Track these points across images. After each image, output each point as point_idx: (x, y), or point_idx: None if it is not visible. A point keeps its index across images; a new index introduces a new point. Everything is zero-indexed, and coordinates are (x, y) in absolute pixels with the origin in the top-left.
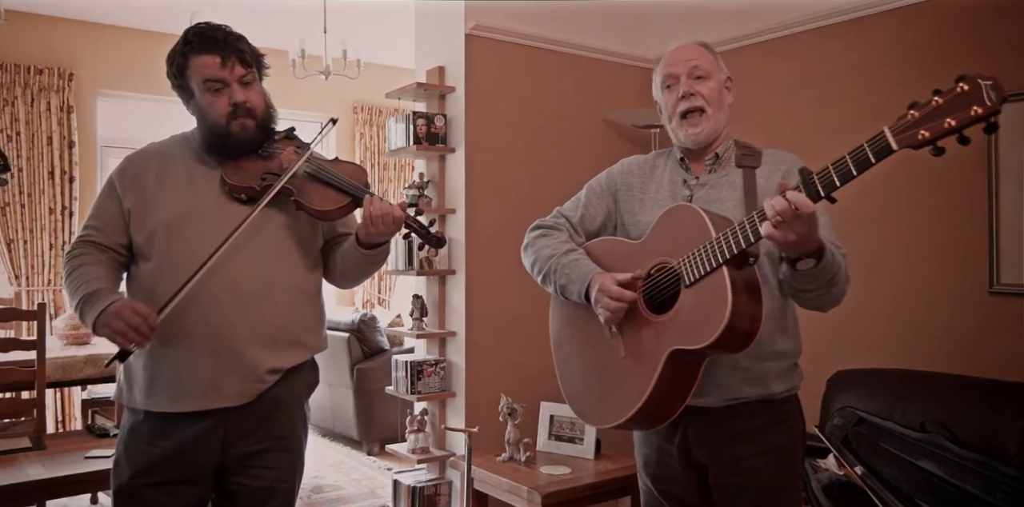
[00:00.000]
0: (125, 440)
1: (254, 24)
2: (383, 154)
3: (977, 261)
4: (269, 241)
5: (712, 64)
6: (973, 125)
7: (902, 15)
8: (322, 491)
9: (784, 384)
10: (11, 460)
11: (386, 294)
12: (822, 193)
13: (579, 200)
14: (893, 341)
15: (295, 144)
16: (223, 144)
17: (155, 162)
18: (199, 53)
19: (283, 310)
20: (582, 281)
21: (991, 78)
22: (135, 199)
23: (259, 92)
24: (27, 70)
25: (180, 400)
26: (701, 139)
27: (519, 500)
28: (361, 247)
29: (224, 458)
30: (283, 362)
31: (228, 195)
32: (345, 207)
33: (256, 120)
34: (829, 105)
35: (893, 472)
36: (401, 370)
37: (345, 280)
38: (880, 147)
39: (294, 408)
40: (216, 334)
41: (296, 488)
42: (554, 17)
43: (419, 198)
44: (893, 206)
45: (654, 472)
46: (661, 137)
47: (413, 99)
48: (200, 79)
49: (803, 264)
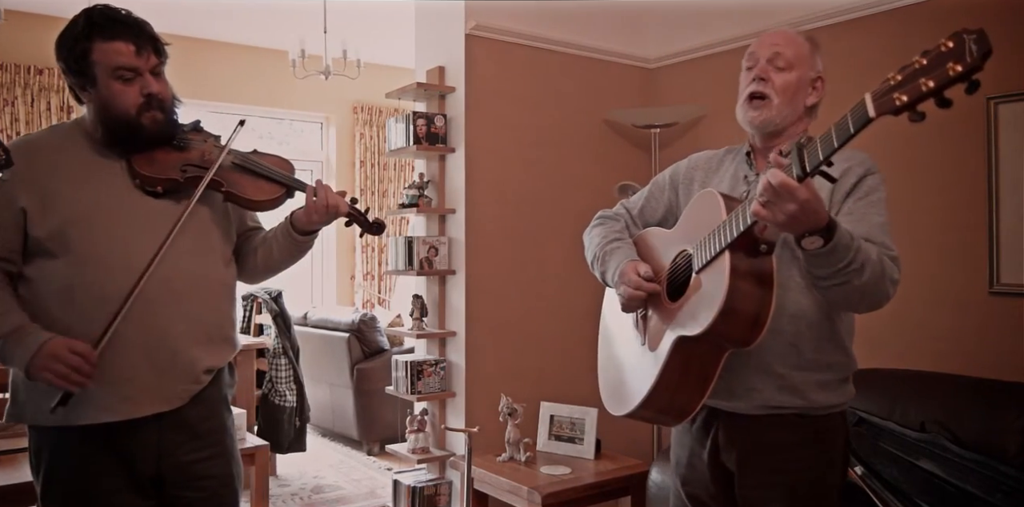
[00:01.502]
0: (49, 464)
1: (254, 24)
2: (383, 154)
3: (977, 261)
4: (195, 236)
5: (800, 57)
6: (952, 85)
7: (902, 15)
8: (322, 491)
9: (827, 398)
10: (10, 460)
11: (386, 294)
12: (808, 168)
13: (643, 193)
14: (893, 341)
15: (210, 137)
16: (131, 136)
17: (43, 155)
18: (110, 39)
19: (214, 306)
20: (616, 267)
21: (976, 31)
22: (30, 196)
23: (167, 83)
24: (27, 70)
25: (113, 408)
26: (757, 123)
27: (519, 500)
28: (296, 233)
29: (161, 468)
30: (217, 360)
31: (139, 188)
32: (278, 197)
33: (165, 113)
34: (830, 105)
35: (893, 472)
36: (401, 370)
37: (269, 271)
38: (859, 115)
39: (224, 410)
40: (151, 334)
41: (239, 487)
42: (554, 17)
43: (419, 198)
44: (893, 206)
45: (683, 473)
46: (661, 137)
47: (413, 99)
48: (110, 67)
49: (808, 243)
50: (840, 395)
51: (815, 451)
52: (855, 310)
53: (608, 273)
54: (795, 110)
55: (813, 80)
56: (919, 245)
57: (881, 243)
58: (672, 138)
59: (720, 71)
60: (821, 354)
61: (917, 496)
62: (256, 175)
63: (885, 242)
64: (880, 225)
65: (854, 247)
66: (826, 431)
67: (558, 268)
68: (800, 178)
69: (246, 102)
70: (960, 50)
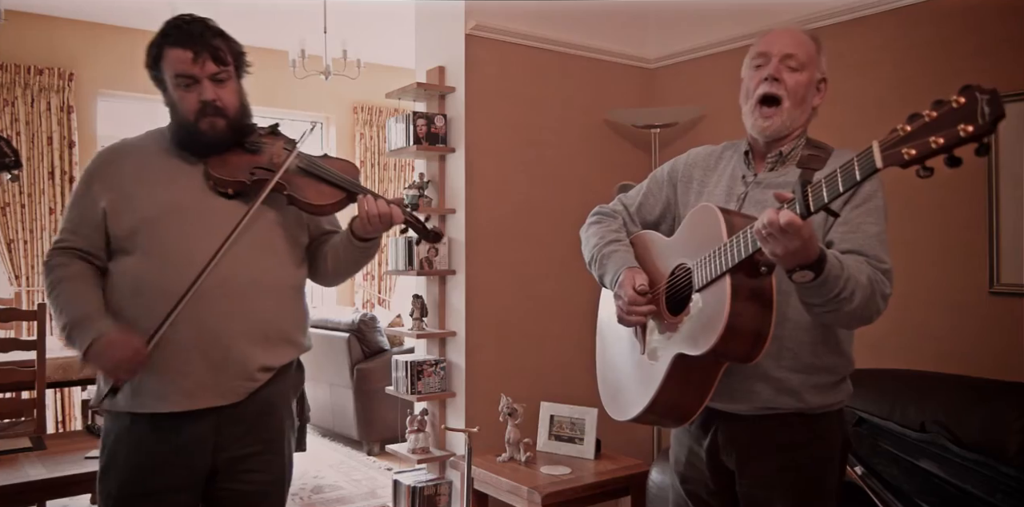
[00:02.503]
0: (112, 448)
1: (254, 24)
2: (383, 154)
3: (977, 261)
4: (259, 237)
5: (810, 58)
6: (962, 145)
7: (903, 15)
8: (322, 491)
9: (824, 399)
10: (11, 460)
11: (386, 294)
12: (812, 208)
13: (641, 188)
14: (893, 341)
15: (281, 140)
16: (191, 140)
17: (131, 157)
18: (173, 46)
19: (273, 307)
20: (614, 273)
21: (989, 92)
22: (111, 196)
23: (233, 90)
24: (27, 70)
25: (167, 399)
26: (769, 133)
27: (519, 500)
28: (356, 239)
29: (215, 462)
30: (273, 360)
31: (213, 189)
32: (339, 202)
33: (227, 119)
34: (830, 104)
35: (893, 472)
36: (401, 370)
37: (337, 276)
38: (866, 165)
39: (283, 410)
40: (206, 331)
41: (286, 491)
42: (554, 17)
43: (419, 198)
44: (893, 206)
45: (682, 472)
46: (661, 137)
47: (413, 99)
48: (172, 73)
49: (799, 276)
50: (836, 395)
51: (814, 449)
52: (847, 328)
53: (607, 277)
54: (803, 113)
55: (819, 81)
56: (919, 245)
57: (874, 256)
58: (672, 138)
59: (720, 71)
60: (818, 358)
61: (917, 496)
62: (319, 179)
63: (878, 255)
64: (875, 235)
65: (844, 277)
66: (824, 429)
67: (558, 268)
68: (803, 216)
69: None
70: (972, 110)
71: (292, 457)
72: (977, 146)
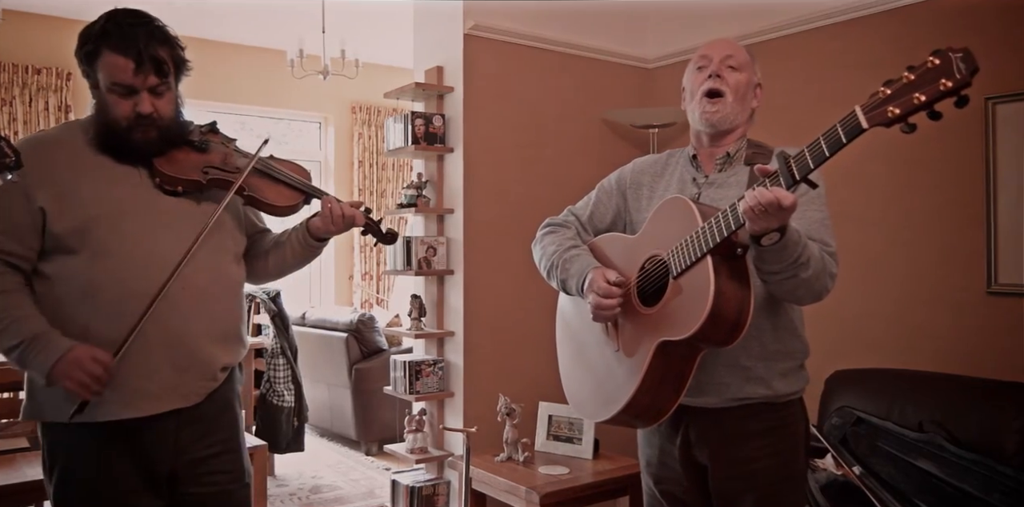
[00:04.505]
0: (63, 461)
1: (253, 24)
2: (381, 154)
3: (975, 261)
4: (213, 236)
5: (747, 62)
6: (943, 99)
7: (902, 15)
8: (320, 491)
9: (789, 386)
10: (8, 460)
11: (384, 294)
12: (797, 176)
13: (590, 199)
14: (891, 341)
15: (222, 138)
16: (118, 146)
17: (60, 152)
18: (113, 51)
19: (230, 306)
20: (579, 275)
21: (962, 50)
22: (49, 193)
23: (170, 99)
24: (25, 70)
25: (134, 404)
26: (715, 120)
27: (517, 500)
28: (312, 239)
29: (175, 465)
30: (232, 358)
31: (158, 186)
32: (297, 204)
33: (159, 129)
34: (829, 104)
35: (891, 472)
36: (399, 370)
37: (278, 274)
38: (851, 126)
39: (235, 406)
40: (172, 332)
41: (250, 486)
42: (553, 17)
43: (417, 198)
44: (892, 206)
45: (656, 472)
46: (660, 137)
47: (411, 99)
48: (108, 79)
49: (767, 239)
50: (798, 382)
51: (780, 437)
52: (799, 303)
53: (570, 281)
54: (744, 110)
55: (755, 85)
56: (917, 245)
57: (820, 239)
58: (670, 138)
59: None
60: (781, 343)
61: (915, 496)
62: (277, 181)
63: (824, 239)
64: (820, 221)
65: (802, 243)
66: (789, 417)
67: None
68: (788, 186)
69: (244, 102)
70: (948, 67)
71: (246, 448)
72: (956, 99)
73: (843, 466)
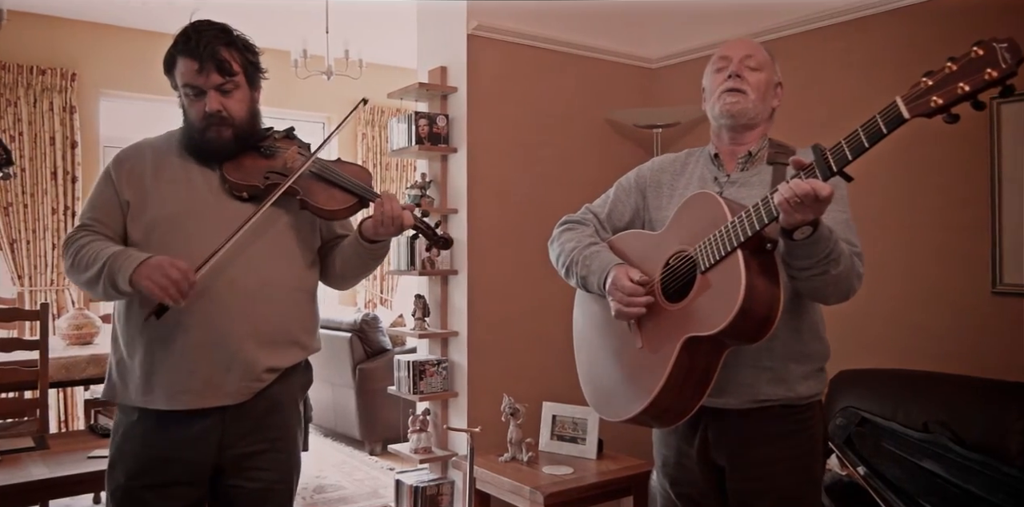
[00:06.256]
0: (119, 442)
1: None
2: (385, 154)
3: (980, 261)
4: (270, 240)
5: (767, 62)
6: (988, 89)
7: (904, 15)
8: (324, 491)
9: (809, 388)
10: (14, 460)
11: (388, 294)
12: (834, 168)
13: (608, 196)
14: (896, 341)
15: (295, 144)
16: (198, 147)
17: (151, 157)
18: (181, 55)
19: (281, 310)
20: (601, 272)
21: (1007, 40)
22: (133, 192)
23: (241, 100)
24: (30, 70)
25: (177, 397)
26: (735, 110)
27: (521, 500)
28: (365, 241)
29: (220, 459)
30: (280, 362)
31: (228, 193)
32: (351, 207)
33: (234, 128)
34: (831, 105)
35: (896, 472)
36: (403, 370)
37: (345, 280)
38: (892, 116)
39: (290, 408)
40: (214, 332)
41: (293, 489)
42: (556, 17)
43: (421, 198)
44: (896, 206)
45: (672, 474)
46: (663, 137)
47: (415, 99)
48: (180, 82)
49: (799, 233)
50: (818, 384)
51: (799, 440)
52: (825, 301)
53: (591, 278)
54: (766, 108)
55: (776, 84)
56: (921, 245)
57: (846, 239)
58: (674, 138)
59: None
60: (803, 344)
61: (920, 496)
62: (331, 184)
63: (850, 238)
64: (844, 222)
65: (832, 239)
66: (808, 420)
67: None
68: (825, 178)
69: None
70: (992, 57)
71: (300, 456)
72: (1002, 88)
73: (848, 466)
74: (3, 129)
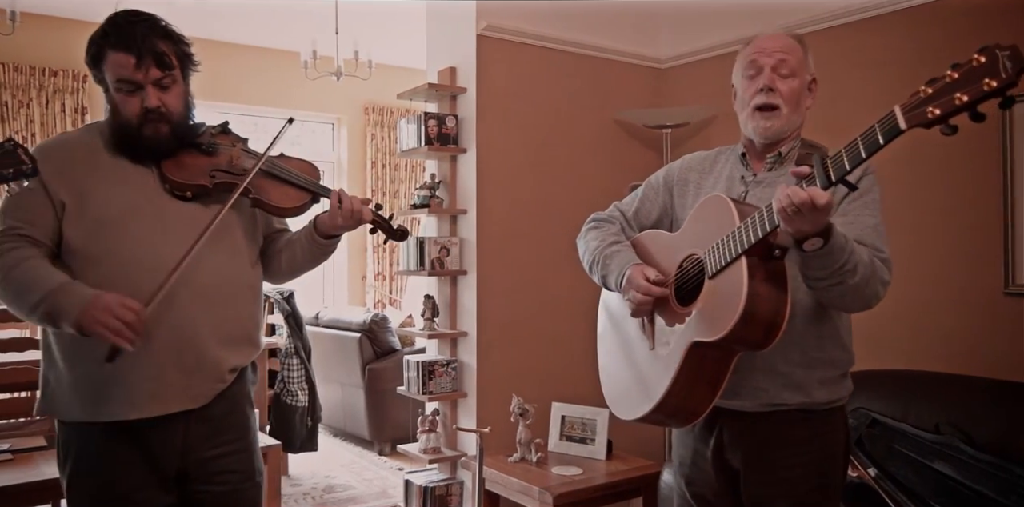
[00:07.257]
0: (75, 459)
1: (266, 25)
2: (395, 155)
3: (992, 262)
4: (221, 238)
5: (800, 62)
6: (986, 100)
7: (910, 16)
8: (334, 491)
9: (828, 394)
10: (26, 459)
11: (397, 294)
12: (833, 178)
13: (636, 194)
14: (907, 342)
15: (232, 139)
16: (133, 145)
17: (80, 153)
18: (114, 49)
19: (238, 308)
20: (619, 271)
21: (1010, 47)
22: (68, 191)
23: (178, 94)
24: (42, 72)
25: (142, 406)
26: (770, 134)
27: (530, 500)
28: (320, 236)
29: (185, 464)
30: (241, 360)
31: (169, 192)
32: (304, 204)
33: (171, 125)
34: (837, 105)
35: (907, 474)
36: (413, 370)
37: (290, 274)
38: (889, 127)
39: (246, 407)
40: (178, 334)
41: (261, 485)
42: (565, 17)
43: (430, 198)
44: (906, 206)
45: (687, 473)
46: (673, 137)
47: (424, 100)
48: (113, 77)
49: (809, 244)
50: (840, 390)
51: (818, 446)
52: (847, 310)
53: (611, 277)
54: (800, 116)
55: (809, 83)
56: (933, 245)
57: (872, 245)
58: (683, 138)
59: (731, 71)
60: (823, 351)
61: (931, 498)
62: (283, 181)
63: (876, 244)
64: (873, 227)
65: (848, 249)
66: (828, 426)
67: (569, 268)
68: (824, 187)
69: (258, 103)
70: (993, 65)
71: (259, 448)
72: (1001, 99)
73: (858, 468)
74: (16, 130)
